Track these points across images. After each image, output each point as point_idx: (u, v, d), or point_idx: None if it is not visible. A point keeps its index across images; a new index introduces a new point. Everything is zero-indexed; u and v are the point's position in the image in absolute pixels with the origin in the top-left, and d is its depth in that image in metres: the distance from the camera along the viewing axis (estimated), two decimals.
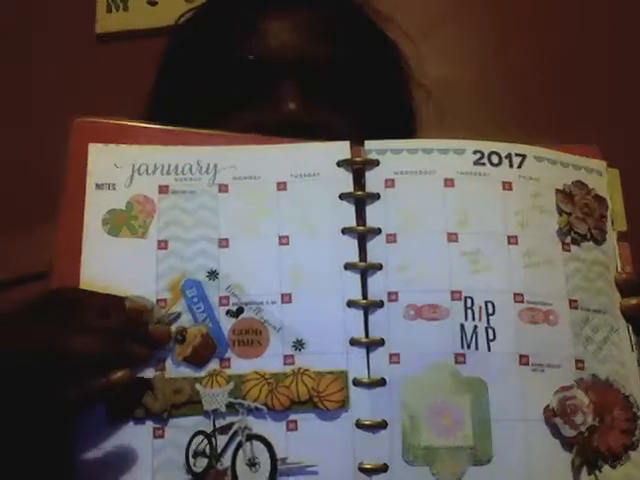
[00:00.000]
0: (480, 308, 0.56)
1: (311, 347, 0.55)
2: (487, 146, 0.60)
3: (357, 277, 0.57)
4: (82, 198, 0.57)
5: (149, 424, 0.53)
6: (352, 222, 0.58)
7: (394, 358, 0.55)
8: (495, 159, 0.60)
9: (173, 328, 0.54)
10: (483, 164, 0.59)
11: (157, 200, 0.57)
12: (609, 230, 0.61)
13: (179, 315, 0.55)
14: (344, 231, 0.57)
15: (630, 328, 0.59)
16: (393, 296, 0.56)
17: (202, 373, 0.54)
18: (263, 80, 0.71)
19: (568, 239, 0.59)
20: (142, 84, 0.78)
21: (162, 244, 0.56)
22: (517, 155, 0.60)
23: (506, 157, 0.60)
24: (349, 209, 0.58)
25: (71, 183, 0.58)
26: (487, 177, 0.59)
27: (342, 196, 0.58)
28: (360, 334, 0.55)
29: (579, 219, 0.59)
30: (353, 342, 0.55)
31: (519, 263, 0.57)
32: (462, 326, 0.55)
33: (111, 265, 0.56)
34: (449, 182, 0.59)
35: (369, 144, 0.60)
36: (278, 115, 0.69)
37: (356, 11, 0.81)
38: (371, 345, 0.55)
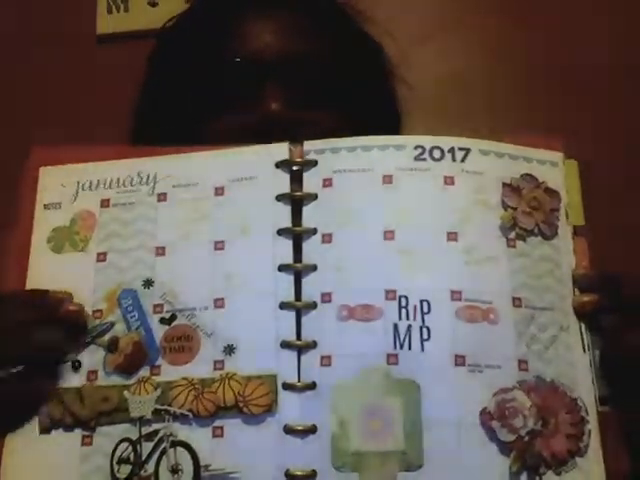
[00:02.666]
0: (415, 307, 0.53)
1: (241, 351, 0.53)
2: (429, 141, 0.58)
3: (291, 279, 0.55)
4: (31, 220, 0.59)
5: (78, 432, 0.53)
6: (288, 223, 0.56)
7: (325, 361, 0.53)
8: (437, 154, 0.57)
9: (106, 337, 0.55)
10: (424, 159, 0.57)
11: (98, 214, 0.59)
12: (562, 224, 0.57)
13: (113, 324, 0.55)
14: (280, 232, 0.56)
15: (583, 327, 0.55)
16: (327, 297, 0.54)
17: (132, 381, 0.53)
18: (247, 81, 0.71)
19: (513, 234, 0.56)
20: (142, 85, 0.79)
21: (101, 256, 0.57)
22: (460, 149, 0.57)
23: (449, 151, 0.57)
24: (285, 210, 0.57)
25: (22, 206, 0.60)
26: (428, 172, 0.57)
27: (279, 197, 0.57)
28: (292, 337, 0.53)
29: (525, 214, 0.56)
30: (284, 345, 0.53)
31: (458, 260, 0.54)
32: (395, 326, 0.52)
33: (53, 281, 0.57)
34: (387, 179, 0.56)
35: (308, 144, 0.59)
36: (262, 116, 0.69)
37: (337, 11, 0.81)
38: (302, 348, 0.53)
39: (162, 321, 0.55)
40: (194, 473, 0.51)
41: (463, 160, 0.57)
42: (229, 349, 0.53)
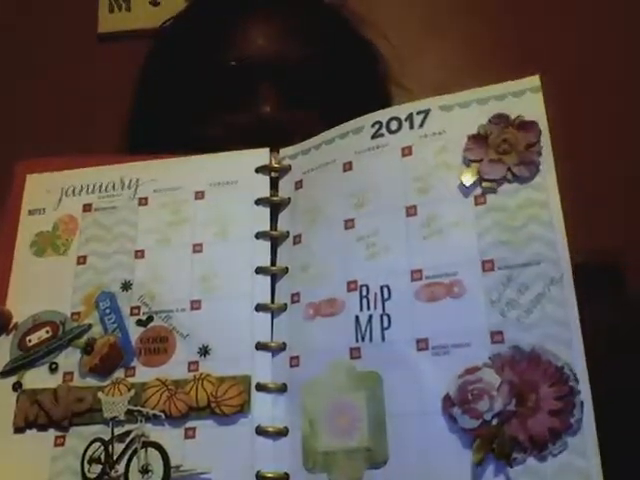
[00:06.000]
0: (375, 295, 0.51)
1: (217, 352, 0.53)
2: (386, 114, 0.55)
3: (267, 281, 0.55)
4: (16, 225, 0.60)
5: (51, 432, 0.52)
6: (266, 227, 0.56)
7: (294, 361, 0.52)
8: (394, 125, 0.55)
9: (83, 340, 0.55)
10: (382, 135, 0.55)
11: (80, 218, 0.59)
12: (544, 158, 0.50)
13: (90, 327, 0.55)
14: (258, 236, 0.56)
15: None
16: (295, 297, 0.54)
17: (106, 382, 0.53)
18: (240, 83, 0.72)
19: (479, 190, 0.51)
20: None
21: (81, 259, 0.58)
22: (419, 113, 0.54)
23: (406, 119, 0.54)
24: (264, 214, 0.57)
25: (8, 213, 0.60)
26: (385, 148, 0.54)
27: (258, 201, 0.57)
28: (267, 338, 0.53)
29: (493, 162, 0.51)
30: (259, 346, 0.53)
31: (418, 235, 0.51)
32: (357, 318, 0.51)
33: (35, 284, 0.57)
34: (347, 166, 0.55)
35: (283, 151, 0.59)
36: (255, 118, 0.70)
37: (332, 14, 0.82)
38: (274, 350, 0.53)
39: (139, 323, 0.55)
40: (164, 474, 0.50)
41: (422, 125, 0.54)
42: (204, 350, 0.53)
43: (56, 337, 0.55)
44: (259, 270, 0.55)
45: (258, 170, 0.58)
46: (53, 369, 0.54)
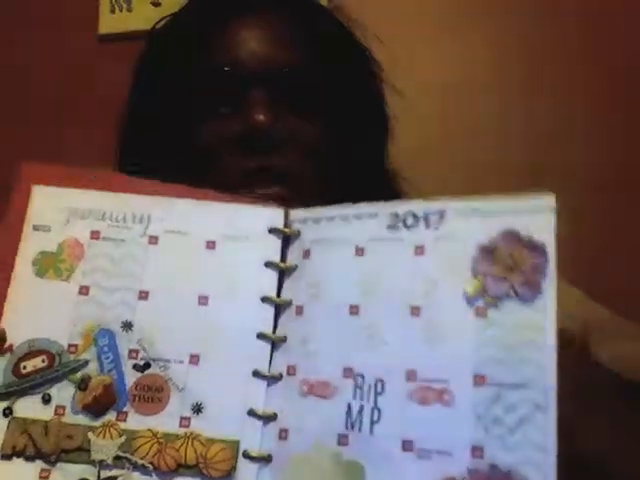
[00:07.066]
0: (370, 387, 0.53)
1: (209, 412, 0.55)
2: (404, 207, 0.56)
3: (268, 348, 0.57)
4: (19, 237, 0.59)
5: (38, 464, 0.54)
6: (273, 291, 0.58)
7: (283, 434, 0.55)
8: (410, 221, 0.56)
9: (78, 375, 0.56)
10: (397, 228, 0.56)
11: (87, 245, 0.59)
12: (548, 281, 0.50)
13: (86, 363, 0.56)
14: (263, 300, 0.58)
15: None
16: (292, 370, 0.56)
17: (98, 423, 0.55)
18: (232, 89, 0.72)
19: (481, 303, 0.51)
20: None
21: (83, 290, 0.58)
22: (435, 213, 0.55)
23: (424, 217, 0.55)
24: (272, 278, 0.59)
25: (11, 222, 0.59)
26: (400, 242, 0.55)
27: (267, 264, 0.59)
28: (259, 406, 0.55)
29: (497, 278, 0.51)
30: (251, 413, 0.55)
31: (419, 337, 0.52)
32: (349, 405, 0.53)
33: (33, 306, 0.57)
34: (360, 251, 0.57)
35: (294, 214, 0.60)
36: (246, 125, 0.70)
37: (326, 18, 0.82)
38: (265, 419, 0.55)
39: (135, 367, 0.56)
40: None
41: (437, 225, 0.55)
42: (197, 407, 0.55)
43: (52, 368, 0.56)
44: (260, 336, 0.57)
45: (271, 230, 0.59)
46: (46, 400, 0.55)
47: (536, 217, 0.52)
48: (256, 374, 0.56)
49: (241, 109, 0.71)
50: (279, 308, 0.58)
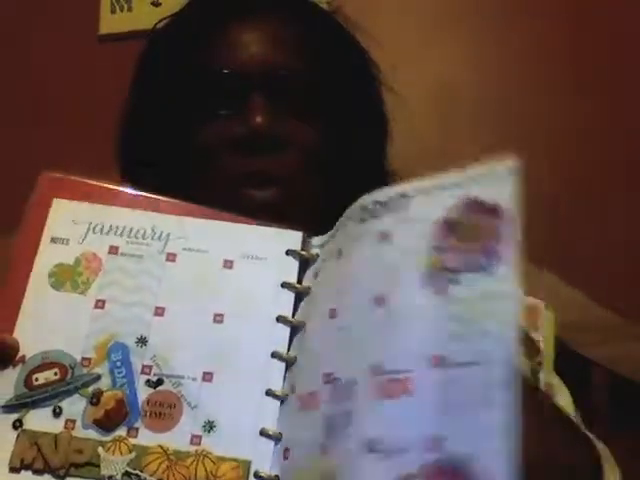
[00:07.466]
0: (345, 389, 0.51)
1: (221, 430, 0.55)
2: (369, 198, 0.54)
3: (282, 367, 0.57)
4: (36, 249, 0.59)
5: (46, 478, 0.53)
6: (289, 312, 0.58)
7: (287, 453, 0.54)
8: (377, 209, 0.53)
9: (90, 389, 0.55)
10: (366, 220, 0.54)
11: (105, 259, 0.59)
12: (510, 247, 0.46)
13: (99, 377, 0.55)
14: (278, 319, 0.58)
15: None
16: (293, 388, 0.55)
17: (108, 437, 0.54)
18: (231, 91, 0.72)
19: (442, 280, 0.48)
20: None
21: (99, 303, 0.58)
22: (397, 197, 0.52)
23: (388, 203, 0.53)
24: (289, 298, 0.58)
25: (29, 232, 0.60)
26: (368, 234, 0.53)
27: (284, 285, 0.59)
28: (271, 426, 0.55)
29: (458, 251, 0.48)
30: (263, 433, 0.55)
31: (381, 328, 0.50)
32: (328, 413, 0.51)
33: (48, 318, 0.57)
34: (339, 255, 0.56)
35: (316, 239, 0.60)
36: (245, 128, 0.70)
37: (325, 20, 0.82)
38: (275, 439, 0.55)
39: (148, 383, 0.56)
40: None
41: (401, 209, 0.52)
42: (209, 426, 0.55)
43: (64, 381, 0.55)
44: (275, 355, 0.57)
45: (288, 252, 0.60)
46: (57, 413, 0.55)
47: (496, 182, 0.49)
48: (269, 393, 0.56)
49: (240, 111, 0.72)
50: (295, 329, 0.58)
